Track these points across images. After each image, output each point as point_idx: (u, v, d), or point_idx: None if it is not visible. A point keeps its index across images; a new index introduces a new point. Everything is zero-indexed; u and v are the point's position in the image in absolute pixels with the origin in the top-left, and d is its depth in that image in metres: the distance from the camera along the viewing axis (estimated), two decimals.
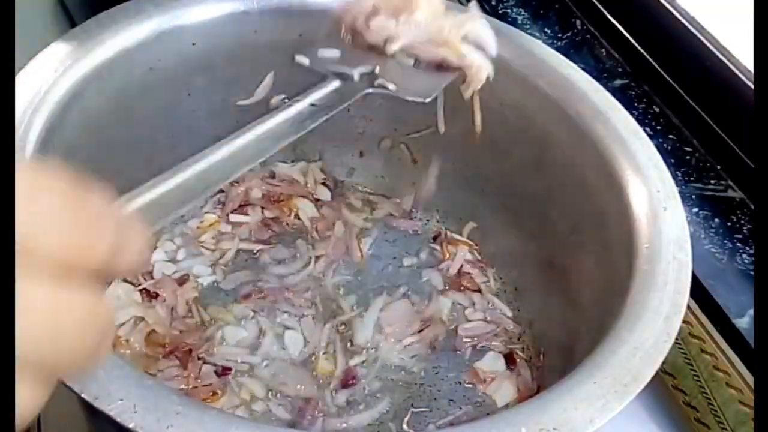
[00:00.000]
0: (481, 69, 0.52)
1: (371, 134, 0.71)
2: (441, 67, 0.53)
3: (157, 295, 0.61)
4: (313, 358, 0.60)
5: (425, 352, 0.62)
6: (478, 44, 0.53)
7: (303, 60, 0.51)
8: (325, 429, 0.56)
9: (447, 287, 0.67)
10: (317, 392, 0.58)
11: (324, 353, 0.60)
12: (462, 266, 0.68)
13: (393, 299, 0.65)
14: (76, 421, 0.54)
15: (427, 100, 0.50)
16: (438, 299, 0.65)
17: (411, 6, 0.51)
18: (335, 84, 0.49)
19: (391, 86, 0.50)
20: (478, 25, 0.53)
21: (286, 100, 0.66)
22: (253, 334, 0.61)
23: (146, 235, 0.25)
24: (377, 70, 0.51)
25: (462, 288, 0.67)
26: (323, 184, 0.73)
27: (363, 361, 0.60)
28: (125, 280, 0.61)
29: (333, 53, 0.52)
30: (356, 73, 0.50)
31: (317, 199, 0.72)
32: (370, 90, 0.49)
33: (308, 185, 0.72)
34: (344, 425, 0.56)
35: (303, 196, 0.71)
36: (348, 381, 0.59)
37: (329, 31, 0.54)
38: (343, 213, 0.71)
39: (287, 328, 0.61)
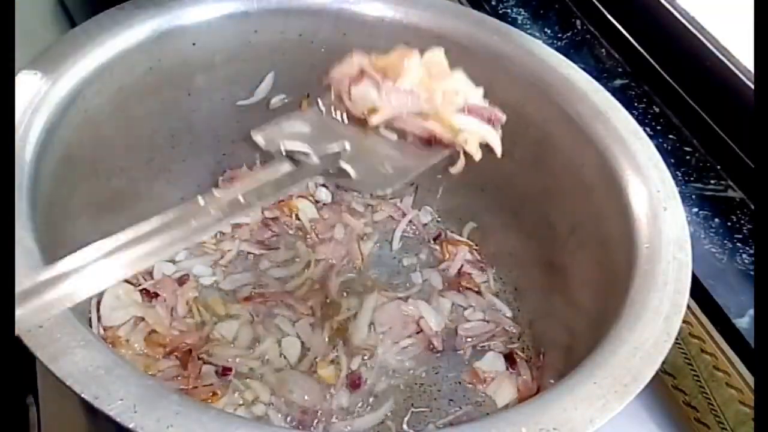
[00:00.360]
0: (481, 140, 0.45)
1: None
2: (431, 142, 0.46)
3: (157, 295, 0.61)
4: (313, 364, 0.60)
5: (425, 353, 0.62)
6: (480, 117, 0.46)
7: (259, 140, 0.44)
8: None
9: (447, 287, 0.67)
10: (322, 399, 0.58)
11: (324, 358, 0.60)
12: (462, 266, 0.69)
13: (389, 300, 0.65)
14: (76, 421, 0.54)
15: (383, 191, 0.45)
16: (438, 299, 0.65)
17: (397, 71, 0.45)
18: (286, 168, 0.43)
19: (352, 173, 0.44)
20: (477, 94, 0.46)
21: (286, 101, 0.67)
22: (252, 338, 0.61)
23: None
24: (347, 147, 0.44)
25: (462, 288, 0.67)
26: (323, 185, 0.73)
27: (363, 363, 0.60)
28: (125, 280, 0.61)
29: (300, 128, 0.46)
30: (317, 155, 0.43)
31: (317, 201, 0.72)
32: (323, 175, 0.44)
33: (308, 186, 0.72)
34: (348, 428, 0.56)
35: (303, 197, 0.71)
36: (354, 384, 0.59)
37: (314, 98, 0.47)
38: (343, 216, 0.71)
39: (286, 334, 0.61)
